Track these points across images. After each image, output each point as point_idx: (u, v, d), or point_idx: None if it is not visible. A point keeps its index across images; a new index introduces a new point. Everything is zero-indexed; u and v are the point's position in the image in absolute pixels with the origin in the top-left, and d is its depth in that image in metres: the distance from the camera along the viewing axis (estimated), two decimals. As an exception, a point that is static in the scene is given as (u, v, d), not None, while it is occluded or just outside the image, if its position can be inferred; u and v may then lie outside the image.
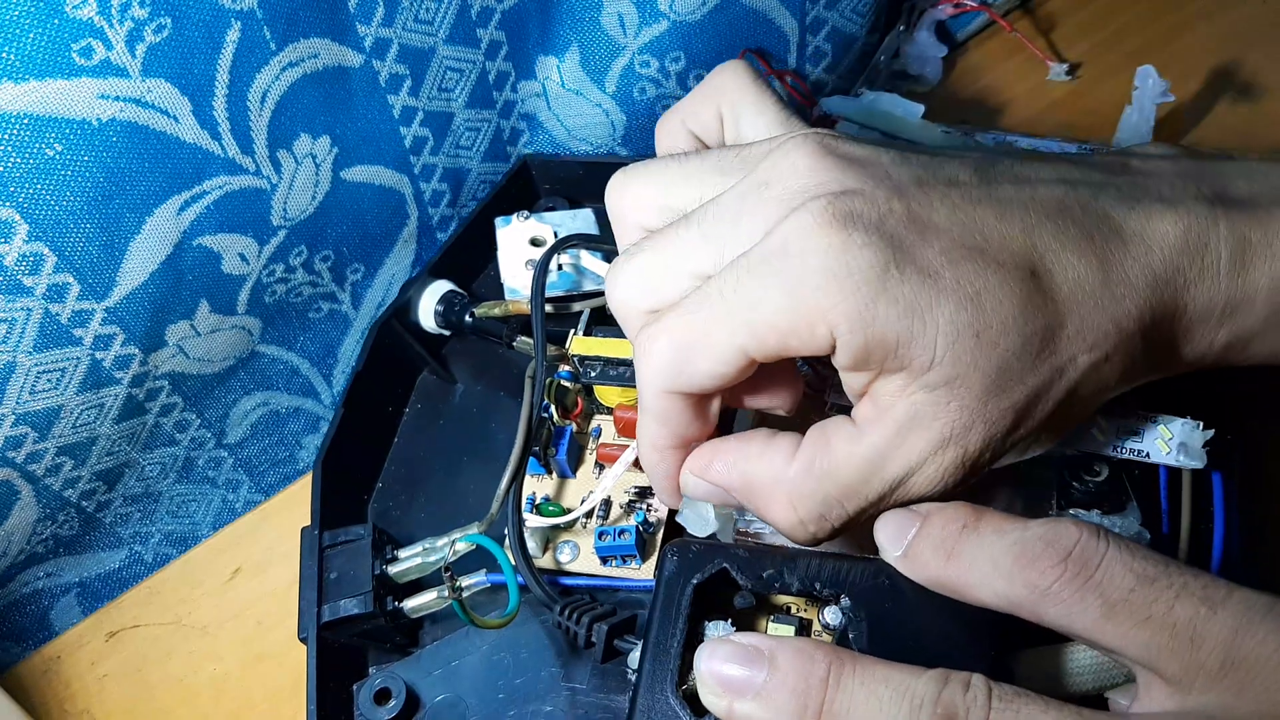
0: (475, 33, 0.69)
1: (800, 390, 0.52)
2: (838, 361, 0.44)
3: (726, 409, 0.50)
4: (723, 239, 0.45)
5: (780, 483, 0.46)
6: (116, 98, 0.54)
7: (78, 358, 0.60)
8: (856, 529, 0.47)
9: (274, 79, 0.59)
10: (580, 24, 0.71)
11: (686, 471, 0.50)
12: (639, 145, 0.78)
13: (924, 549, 0.44)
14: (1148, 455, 0.52)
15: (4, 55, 0.50)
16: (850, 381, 0.45)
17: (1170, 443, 0.52)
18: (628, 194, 0.52)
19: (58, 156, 0.54)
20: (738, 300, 0.44)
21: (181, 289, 0.62)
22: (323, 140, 0.64)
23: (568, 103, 0.75)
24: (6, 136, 0.52)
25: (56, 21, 0.50)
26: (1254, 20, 0.82)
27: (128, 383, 0.64)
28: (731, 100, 0.53)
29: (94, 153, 0.55)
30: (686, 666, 0.47)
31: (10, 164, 0.52)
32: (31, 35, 0.50)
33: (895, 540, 0.45)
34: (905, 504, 0.46)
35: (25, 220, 0.54)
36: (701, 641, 0.47)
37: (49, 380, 0.60)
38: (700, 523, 0.52)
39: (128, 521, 0.72)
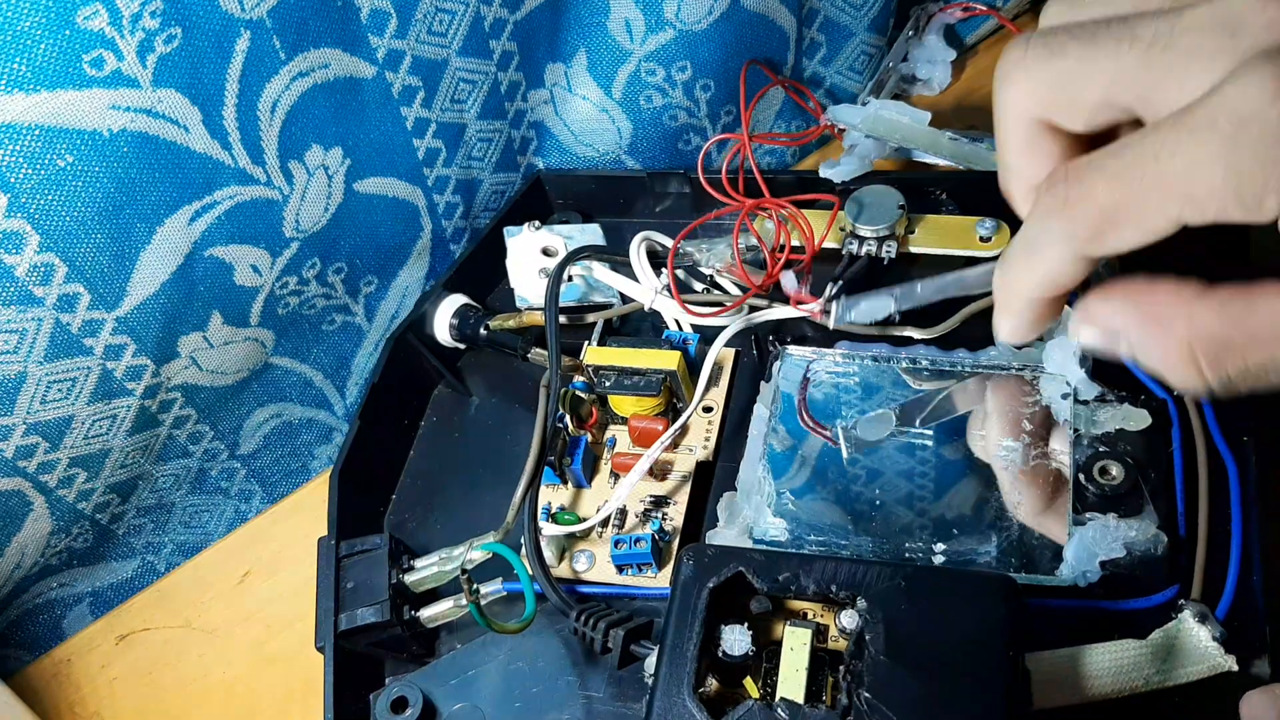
0: (488, 44, 0.69)
1: None
2: None
3: None
4: (1166, 77, 0.40)
5: (1179, 317, 0.41)
6: (127, 108, 0.54)
7: (88, 368, 0.60)
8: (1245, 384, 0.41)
9: (284, 89, 0.60)
10: (587, 29, 0.71)
11: (1081, 305, 0.44)
12: (646, 155, 0.78)
13: None
14: None
15: (15, 66, 0.50)
16: None
17: None
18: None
19: (69, 167, 0.54)
20: (1175, 167, 0.38)
21: (193, 300, 0.62)
22: (335, 151, 0.64)
23: (574, 107, 0.75)
24: (18, 148, 0.52)
25: (67, 32, 0.51)
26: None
27: (140, 394, 0.64)
28: None
29: (105, 163, 0.55)
30: (703, 670, 0.47)
31: (21, 175, 0.53)
32: (42, 46, 0.50)
33: None
34: None
35: (36, 231, 0.54)
36: (718, 645, 0.47)
37: (60, 390, 0.60)
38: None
39: (140, 532, 0.72)
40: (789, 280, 0.63)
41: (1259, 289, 0.40)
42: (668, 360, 0.62)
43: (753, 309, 0.65)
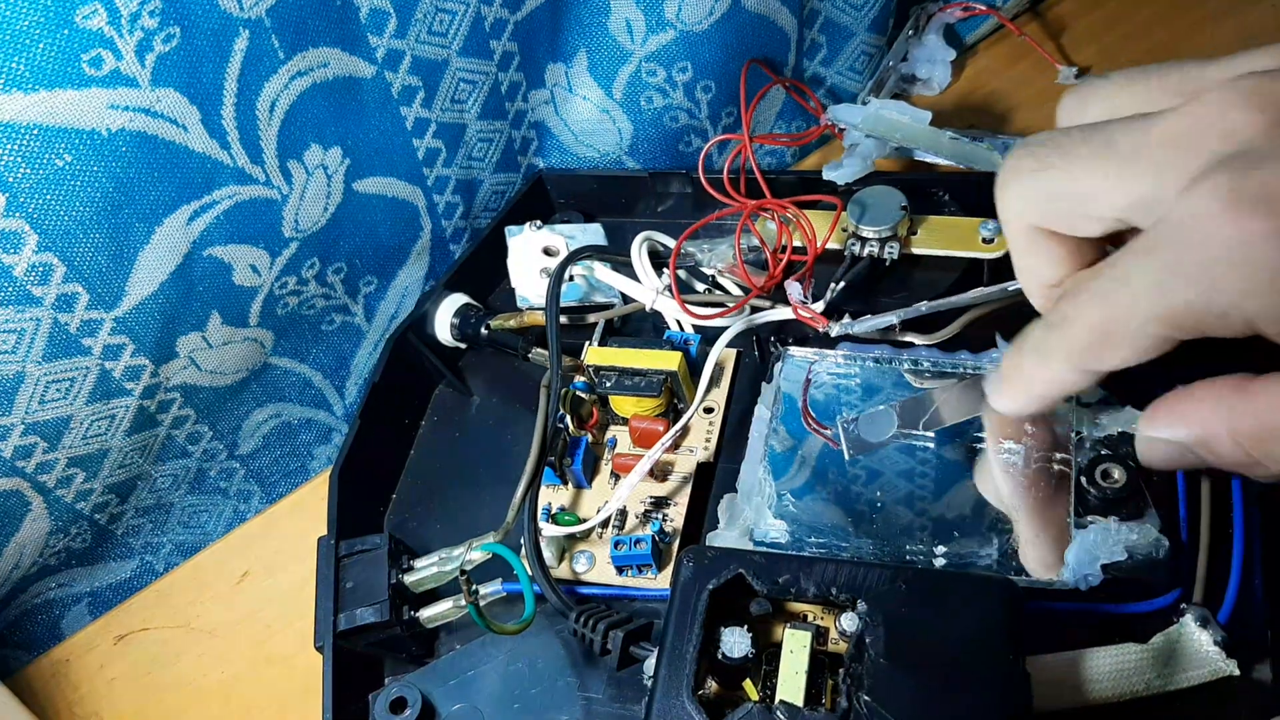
0: (489, 44, 0.69)
1: None
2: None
3: None
4: (1144, 191, 0.40)
5: (1218, 418, 0.41)
6: (126, 107, 0.54)
7: (87, 368, 0.60)
8: None
9: (283, 88, 0.59)
10: (588, 29, 0.71)
11: (1141, 436, 0.44)
12: (646, 156, 0.78)
13: None
14: None
15: (13, 66, 0.50)
16: None
17: None
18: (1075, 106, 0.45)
19: (67, 167, 0.54)
20: (1143, 289, 0.39)
21: (192, 300, 0.62)
22: (334, 151, 0.64)
23: (575, 108, 0.75)
24: (16, 147, 0.52)
25: (66, 32, 0.51)
26: (1264, 23, 0.81)
27: (139, 394, 0.63)
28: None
29: (103, 162, 0.55)
30: (702, 672, 0.47)
31: (20, 174, 0.53)
32: (41, 45, 0.50)
33: None
34: None
35: (35, 230, 0.54)
36: (717, 647, 0.47)
37: (58, 390, 0.60)
38: None
39: (139, 533, 0.72)
40: (794, 290, 0.63)
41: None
42: (669, 361, 0.62)
43: (754, 310, 0.65)
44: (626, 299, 0.69)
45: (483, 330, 0.70)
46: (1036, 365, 0.45)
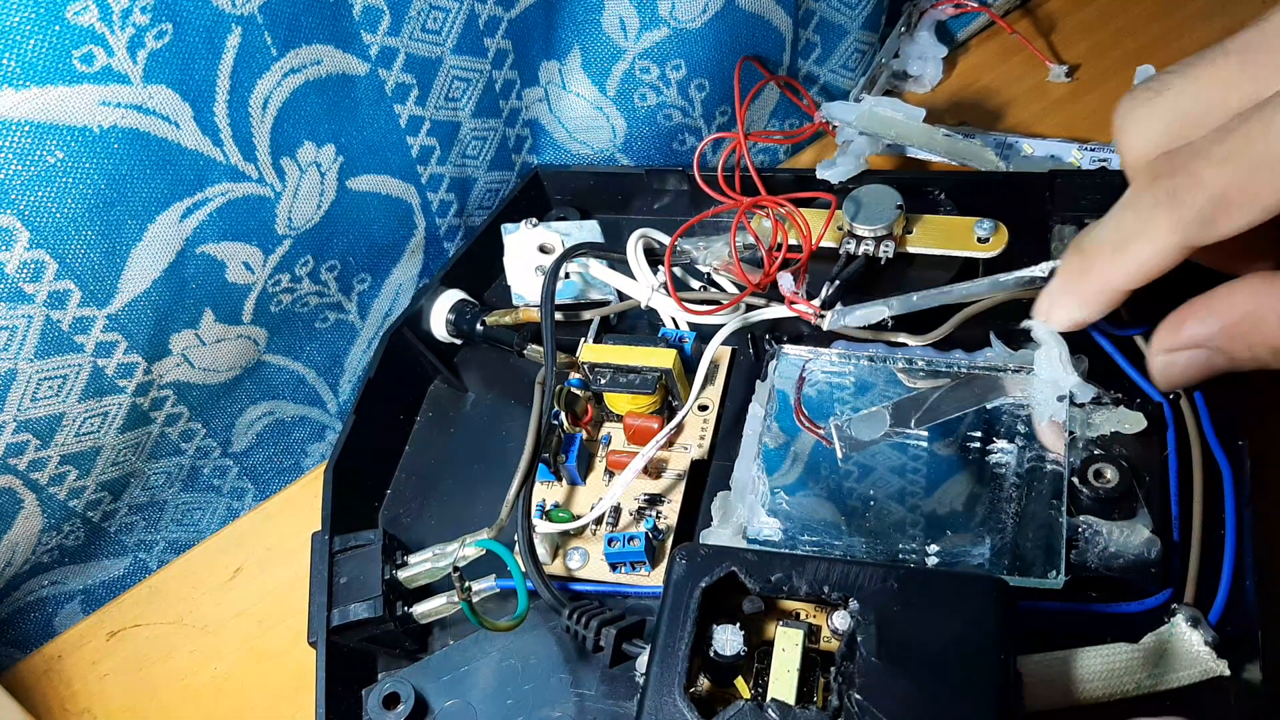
0: (483, 42, 0.69)
1: None
2: None
3: None
4: (1269, 75, 0.39)
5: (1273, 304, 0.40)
6: (118, 104, 0.54)
7: (79, 365, 0.60)
8: None
9: (275, 85, 0.59)
10: (581, 26, 0.71)
11: (1157, 353, 0.44)
12: (640, 153, 0.77)
13: None
14: None
15: (4, 62, 0.50)
16: None
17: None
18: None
19: (58, 163, 0.54)
20: None
21: (185, 297, 0.62)
22: (327, 149, 0.64)
23: (569, 105, 0.75)
24: (7, 144, 0.52)
25: (57, 28, 0.50)
26: (1253, 20, 0.81)
27: (132, 392, 0.63)
28: None
29: (95, 159, 0.55)
30: (694, 670, 0.47)
31: (11, 171, 0.52)
32: (32, 42, 0.50)
33: None
34: None
35: (26, 227, 0.54)
36: (709, 645, 0.47)
37: (50, 388, 0.60)
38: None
39: (132, 530, 0.72)
40: (786, 282, 0.63)
41: None
42: (663, 358, 0.62)
43: (749, 308, 0.65)
44: (622, 296, 0.69)
45: (478, 326, 0.70)
46: (1122, 255, 0.43)
